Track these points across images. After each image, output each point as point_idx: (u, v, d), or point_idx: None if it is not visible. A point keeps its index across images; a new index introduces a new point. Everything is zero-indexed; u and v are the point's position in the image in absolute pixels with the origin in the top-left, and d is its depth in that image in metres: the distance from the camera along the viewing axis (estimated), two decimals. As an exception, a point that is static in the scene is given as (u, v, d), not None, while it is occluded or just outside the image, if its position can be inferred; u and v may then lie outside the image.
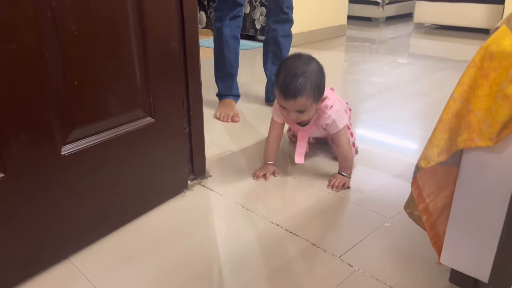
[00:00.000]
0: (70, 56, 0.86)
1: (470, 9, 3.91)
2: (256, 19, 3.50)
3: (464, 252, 0.79)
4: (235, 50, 1.87)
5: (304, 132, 1.32)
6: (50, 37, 0.82)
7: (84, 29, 0.87)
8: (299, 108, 1.18)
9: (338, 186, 1.26)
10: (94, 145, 0.95)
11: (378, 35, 4.10)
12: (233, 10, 1.78)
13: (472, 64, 0.69)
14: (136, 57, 0.99)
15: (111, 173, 1.01)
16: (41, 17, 0.80)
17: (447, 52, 3.36)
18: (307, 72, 1.15)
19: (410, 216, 0.89)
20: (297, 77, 1.14)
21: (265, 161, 1.37)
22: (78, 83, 0.89)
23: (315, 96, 1.17)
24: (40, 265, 0.93)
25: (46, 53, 0.82)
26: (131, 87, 1.01)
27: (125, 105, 1.01)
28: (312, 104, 1.18)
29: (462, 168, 0.75)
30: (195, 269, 0.94)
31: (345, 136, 1.29)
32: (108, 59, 0.94)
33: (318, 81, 1.18)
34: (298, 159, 1.32)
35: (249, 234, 1.07)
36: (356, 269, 0.94)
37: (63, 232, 0.95)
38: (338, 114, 1.27)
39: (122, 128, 1.01)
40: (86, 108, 0.92)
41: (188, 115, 1.20)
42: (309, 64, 1.18)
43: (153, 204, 1.17)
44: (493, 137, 0.67)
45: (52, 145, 0.87)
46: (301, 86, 1.14)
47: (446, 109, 0.73)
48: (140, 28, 0.98)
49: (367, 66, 2.85)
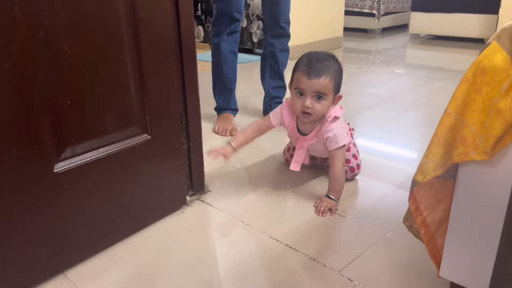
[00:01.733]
0: (63, 75, 0.87)
1: (465, 19, 3.96)
2: (253, 33, 3.53)
3: (463, 265, 0.79)
4: (233, 64, 1.89)
5: (304, 142, 1.30)
6: (42, 56, 0.83)
7: (77, 49, 0.88)
8: (321, 89, 1.16)
9: (324, 211, 1.21)
10: (88, 162, 0.96)
11: (374, 46, 4.14)
12: (230, 25, 1.81)
13: (465, 79, 0.70)
14: (131, 75, 1.00)
15: (106, 190, 1.02)
16: (34, 36, 0.81)
17: (443, 62, 3.39)
18: (330, 61, 1.19)
19: (409, 229, 0.89)
20: (322, 61, 1.17)
21: (230, 141, 1.33)
22: (71, 101, 0.90)
23: (335, 85, 1.18)
24: (35, 279, 0.93)
25: (39, 73, 0.83)
26: (126, 104, 1.02)
27: (120, 122, 1.02)
28: (331, 92, 1.18)
29: (458, 182, 0.76)
30: (194, 285, 0.94)
31: (341, 157, 1.26)
32: (102, 77, 0.95)
33: (340, 74, 1.20)
34: (293, 166, 1.31)
35: (249, 249, 1.07)
36: (356, 284, 0.94)
37: (58, 248, 0.95)
38: (341, 130, 1.24)
39: (118, 145, 1.02)
40: (79, 125, 0.93)
41: (186, 131, 1.21)
42: (332, 58, 1.21)
43: (151, 220, 1.17)
44: (488, 151, 0.68)
45: (45, 163, 0.88)
46: (327, 67, 1.16)
47: (440, 124, 0.74)
48: (135, 46, 0.99)
49: (364, 77, 2.88)
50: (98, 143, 0.98)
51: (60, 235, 0.95)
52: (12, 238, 0.87)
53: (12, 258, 0.88)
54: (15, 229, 0.87)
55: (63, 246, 0.96)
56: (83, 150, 0.95)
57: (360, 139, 1.81)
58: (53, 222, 0.93)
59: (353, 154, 1.40)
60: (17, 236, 0.87)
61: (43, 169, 0.88)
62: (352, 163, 1.39)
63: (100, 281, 0.96)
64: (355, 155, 1.40)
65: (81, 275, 0.98)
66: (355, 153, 1.41)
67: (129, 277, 0.97)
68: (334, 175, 1.24)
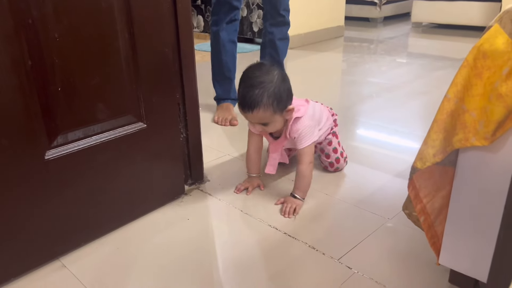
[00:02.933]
0: (53, 63, 0.87)
1: (468, 7, 3.91)
2: (254, 22, 3.50)
3: (462, 252, 0.79)
4: (232, 53, 1.87)
5: (277, 145, 1.26)
6: (31, 44, 0.83)
7: (67, 36, 0.87)
8: (258, 120, 1.12)
9: (290, 212, 1.14)
10: (81, 150, 0.96)
11: (376, 35, 4.10)
12: (229, 14, 1.78)
13: (465, 64, 0.69)
14: (124, 63, 0.99)
15: (99, 178, 1.01)
16: (22, 25, 0.80)
17: (445, 50, 3.36)
18: (265, 82, 1.08)
19: (408, 217, 0.88)
20: (254, 88, 1.07)
21: (248, 174, 1.32)
22: (61, 88, 0.89)
23: (274, 107, 1.09)
24: (29, 265, 0.94)
25: (29, 60, 0.83)
26: (120, 92, 1.01)
27: (114, 110, 1.01)
28: (273, 115, 1.11)
29: (458, 168, 0.75)
30: (194, 274, 0.94)
31: (308, 155, 1.20)
32: (94, 65, 0.94)
33: (278, 91, 1.09)
34: (269, 169, 1.28)
35: (248, 238, 1.06)
36: (355, 272, 0.93)
37: (51, 234, 0.95)
38: (306, 129, 1.18)
39: (111, 133, 1.01)
40: (71, 113, 0.93)
41: (184, 120, 1.20)
42: (268, 73, 1.10)
43: (148, 209, 1.16)
44: (489, 137, 0.67)
45: (36, 150, 0.88)
46: (257, 98, 1.07)
47: (440, 110, 0.72)
48: (129, 34, 0.98)
49: (365, 66, 2.85)
50: (91, 130, 0.97)
51: (53, 222, 0.95)
52: (4, 224, 0.87)
53: (5, 244, 0.88)
54: (7, 216, 0.87)
55: (57, 232, 0.96)
56: (75, 138, 0.95)
57: (361, 128, 1.80)
58: (45, 209, 0.93)
59: (334, 148, 1.36)
60: (9, 222, 0.87)
61: (34, 156, 0.88)
62: (331, 158, 1.36)
63: (95, 268, 0.96)
64: (335, 149, 1.36)
65: (76, 262, 0.98)
66: (335, 147, 1.36)
67: (125, 266, 0.97)
68: (301, 173, 1.19)
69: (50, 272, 0.95)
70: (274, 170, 1.28)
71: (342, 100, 2.21)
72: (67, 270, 0.95)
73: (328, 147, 1.36)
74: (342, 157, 1.38)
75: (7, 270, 0.91)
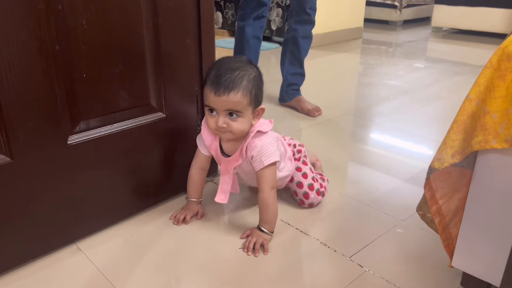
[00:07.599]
0: (79, 49, 0.89)
1: (490, 13, 3.86)
2: (272, 20, 3.50)
3: (476, 255, 0.78)
4: (256, 49, 1.87)
5: (229, 165, 1.05)
6: (60, 29, 0.85)
7: (94, 24, 0.89)
8: (233, 106, 0.93)
9: (256, 250, 0.98)
10: (102, 137, 0.98)
11: (395, 38, 4.07)
12: (257, 10, 1.79)
13: (489, 65, 0.68)
14: (148, 53, 1.01)
15: (118, 165, 1.03)
16: (52, 10, 0.83)
17: (465, 56, 3.32)
18: (246, 69, 0.94)
19: (422, 218, 0.88)
20: (233, 71, 0.92)
21: (187, 198, 1.14)
22: (87, 75, 0.91)
23: (252, 98, 0.94)
24: (46, 247, 0.96)
25: (56, 45, 0.85)
26: (141, 82, 1.02)
27: (135, 99, 1.03)
28: (247, 107, 0.94)
29: (476, 170, 0.74)
30: (206, 263, 0.95)
31: (269, 179, 1.00)
32: (119, 53, 0.96)
33: (257, 84, 0.96)
34: (219, 198, 1.06)
35: (259, 232, 1.07)
36: (366, 270, 0.93)
37: (69, 218, 0.98)
38: (267, 146, 0.99)
39: (132, 122, 1.03)
40: (94, 99, 0.95)
41: (202, 112, 1.21)
42: (247, 64, 0.97)
43: (163, 198, 1.18)
44: (509, 139, 0.66)
45: (59, 134, 0.90)
46: (237, 78, 0.92)
47: (461, 110, 0.72)
48: (153, 24, 1.00)
49: (383, 69, 2.83)
50: (112, 118, 0.99)
51: (72, 206, 0.97)
52: (25, 206, 0.89)
53: (25, 226, 0.90)
54: (29, 198, 0.89)
55: (75, 216, 0.99)
56: (97, 124, 0.97)
57: (376, 131, 1.79)
58: (65, 193, 0.95)
59: (309, 184, 1.15)
60: (30, 204, 0.90)
61: (57, 140, 0.90)
62: (299, 195, 1.16)
63: (110, 254, 0.97)
64: (311, 185, 1.15)
65: (91, 246, 1.00)
66: (311, 183, 1.15)
67: (139, 252, 0.98)
68: (263, 203, 1.01)
69: (66, 255, 0.97)
70: (226, 198, 1.06)
71: (358, 101, 2.21)
72: (82, 254, 0.97)
73: (304, 181, 1.16)
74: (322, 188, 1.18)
75: (27, 251, 0.93)
